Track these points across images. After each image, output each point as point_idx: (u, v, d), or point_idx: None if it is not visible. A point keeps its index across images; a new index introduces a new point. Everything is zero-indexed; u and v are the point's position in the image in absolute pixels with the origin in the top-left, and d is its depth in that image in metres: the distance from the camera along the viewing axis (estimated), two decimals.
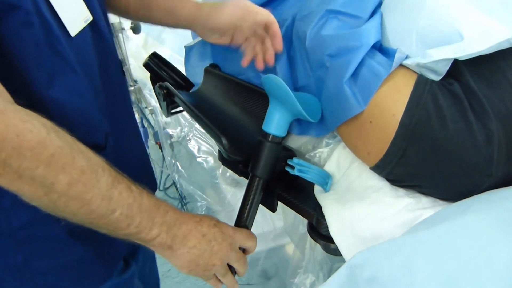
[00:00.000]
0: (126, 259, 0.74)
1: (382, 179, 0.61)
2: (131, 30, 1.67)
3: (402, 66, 0.56)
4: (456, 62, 0.52)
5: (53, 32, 0.51)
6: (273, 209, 0.74)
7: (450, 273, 0.42)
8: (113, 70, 0.66)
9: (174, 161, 1.69)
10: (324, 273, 0.91)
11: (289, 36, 0.69)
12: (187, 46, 0.86)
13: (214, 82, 0.80)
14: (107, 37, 0.63)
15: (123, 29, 1.64)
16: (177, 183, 1.72)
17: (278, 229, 1.44)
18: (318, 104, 0.65)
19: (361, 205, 0.59)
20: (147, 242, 0.55)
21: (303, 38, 0.64)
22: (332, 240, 0.60)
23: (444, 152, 0.53)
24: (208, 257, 0.58)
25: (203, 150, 1.61)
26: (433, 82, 0.54)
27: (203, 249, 0.58)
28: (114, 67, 0.67)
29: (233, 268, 0.65)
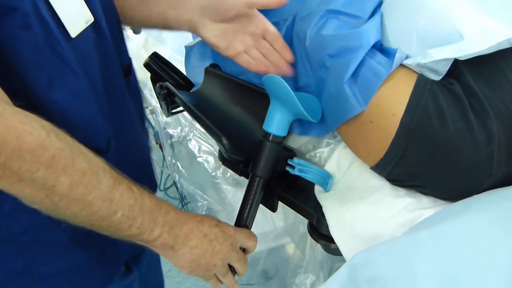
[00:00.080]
0: (127, 264, 0.73)
1: (383, 179, 0.61)
2: (132, 30, 1.67)
3: (402, 66, 0.56)
4: (456, 62, 0.53)
5: (52, 33, 0.50)
6: (273, 209, 0.74)
7: (451, 272, 0.42)
8: (115, 72, 0.65)
9: (174, 161, 1.69)
10: (324, 273, 0.91)
11: (289, 36, 0.69)
12: (188, 46, 0.86)
13: (214, 82, 0.80)
14: (109, 38, 0.61)
15: (124, 29, 1.64)
16: (177, 183, 1.71)
17: (278, 229, 1.44)
18: (318, 104, 0.65)
19: (361, 205, 0.59)
20: (149, 243, 0.54)
21: (303, 38, 0.64)
22: (332, 240, 0.61)
23: (444, 152, 0.53)
24: (209, 257, 0.58)
25: (204, 150, 1.61)
26: (433, 82, 0.54)
27: (205, 249, 0.58)
28: (117, 69, 0.66)
29: (233, 268, 0.65)
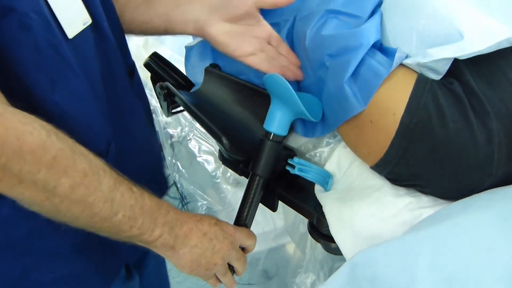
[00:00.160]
0: (128, 269, 0.73)
1: (383, 179, 0.61)
2: None
3: (402, 65, 0.56)
4: (456, 62, 0.52)
5: (54, 34, 0.49)
6: (273, 208, 0.74)
7: (451, 272, 0.42)
8: (118, 73, 0.64)
9: (174, 161, 1.69)
10: (324, 272, 0.91)
11: (290, 37, 0.69)
12: (188, 46, 0.86)
13: (214, 82, 0.80)
14: (111, 39, 0.61)
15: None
16: (177, 183, 1.72)
17: (278, 228, 1.44)
18: (319, 103, 0.65)
19: (361, 204, 0.59)
20: (149, 244, 0.54)
21: (303, 38, 0.64)
22: (332, 239, 0.61)
23: (444, 151, 0.53)
24: (209, 256, 0.58)
25: (204, 150, 1.61)
26: (433, 81, 0.54)
27: (205, 247, 0.58)
28: (120, 71, 0.65)
29: (231, 267, 0.65)
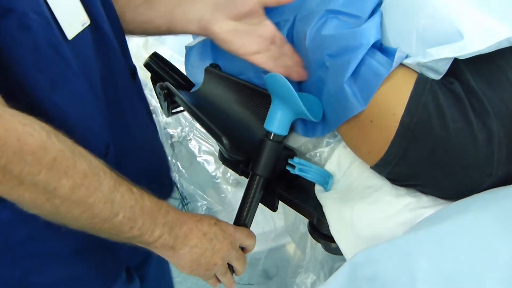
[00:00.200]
0: (129, 272, 0.72)
1: (383, 178, 0.61)
2: None
3: (402, 65, 0.56)
4: (456, 61, 0.52)
5: (54, 34, 0.49)
6: (274, 208, 0.74)
7: (451, 272, 0.42)
8: (120, 75, 0.63)
9: (174, 161, 1.69)
10: (325, 272, 0.91)
11: (290, 36, 0.69)
12: (188, 46, 0.86)
13: (214, 82, 0.80)
14: (112, 40, 0.60)
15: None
16: (177, 183, 1.72)
17: (279, 228, 1.44)
18: (319, 103, 0.65)
19: (362, 204, 0.59)
20: (150, 244, 0.54)
21: (303, 38, 0.64)
22: (333, 239, 0.61)
23: (444, 151, 0.53)
24: (209, 256, 0.58)
25: (204, 150, 1.61)
26: (433, 81, 0.54)
27: (205, 248, 0.58)
28: (122, 72, 0.64)
29: (231, 267, 0.65)
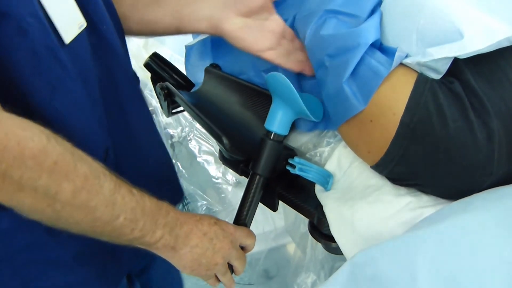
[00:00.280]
0: (130, 278, 0.72)
1: (383, 178, 0.61)
2: None
3: (402, 65, 0.56)
4: (456, 61, 0.52)
5: (51, 38, 0.48)
6: (274, 208, 0.74)
7: (451, 271, 0.42)
8: (120, 78, 0.63)
9: (175, 161, 1.69)
10: (325, 272, 0.91)
11: None
12: (188, 46, 0.86)
13: (214, 82, 0.81)
14: (112, 42, 0.59)
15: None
16: None
17: (279, 228, 1.44)
18: (320, 104, 0.65)
19: (362, 204, 0.59)
20: (151, 245, 0.54)
21: (303, 39, 0.64)
22: (333, 239, 0.61)
23: (444, 150, 0.53)
24: (210, 255, 0.58)
25: (204, 150, 1.61)
26: (433, 80, 0.54)
27: (205, 247, 0.58)
28: (123, 75, 0.63)
29: (230, 266, 0.65)
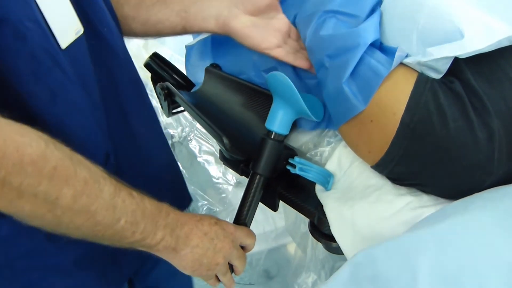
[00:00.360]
0: (132, 283, 0.72)
1: (383, 178, 0.61)
2: None
3: (402, 64, 0.56)
4: (456, 60, 0.52)
5: (50, 43, 0.48)
6: (274, 208, 0.74)
7: (452, 271, 0.42)
8: (123, 81, 0.62)
9: None
10: (326, 272, 0.91)
11: None
12: (188, 46, 0.86)
13: (215, 82, 0.80)
14: (113, 44, 0.59)
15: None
16: None
17: (279, 228, 1.44)
18: (320, 104, 0.65)
19: (362, 203, 0.59)
20: (152, 247, 0.54)
21: (303, 39, 0.64)
22: (333, 238, 0.61)
23: (445, 150, 0.53)
24: (211, 255, 0.58)
25: (204, 150, 1.61)
26: (433, 80, 0.54)
27: (206, 247, 0.58)
28: (125, 78, 0.63)
29: (230, 266, 0.65)
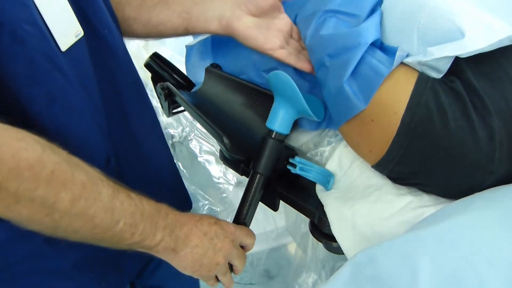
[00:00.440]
0: (133, 285, 0.72)
1: (384, 177, 0.61)
2: None
3: (403, 64, 0.56)
4: (457, 60, 0.52)
5: (50, 45, 0.48)
6: (275, 208, 0.74)
7: (453, 270, 0.42)
8: (124, 83, 0.62)
9: (175, 161, 1.69)
10: (326, 271, 0.91)
11: None
12: (188, 46, 0.86)
13: (215, 82, 0.80)
14: (114, 46, 0.59)
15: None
16: None
17: (280, 228, 1.44)
18: (321, 104, 0.65)
19: (363, 203, 0.59)
20: (151, 249, 0.54)
21: (304, 39, 0.64)
22: (334, 238, 0.61)
23: (445, 150, 0.53)
24: (211, 255, 0.58)
25: (205, 150, 1.61)
26: (434, 79, 0.54)
27: (206, 247, 0.58)
28: (126, 80, 0.63)
29: (230, 266, 0.65)
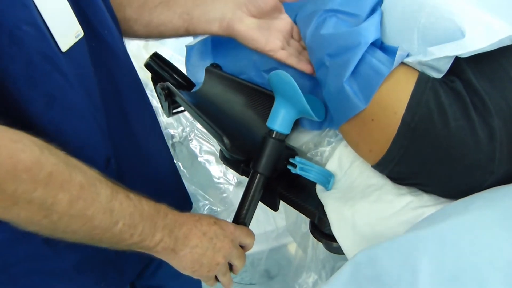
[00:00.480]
0: (134, 286, 0.72)
1: (384, 177, 0.61)
2: None
3: (403, 64, 0.56)
4: (457, 60, 0.52)
5: (50, 46, 0.48)
6: (275, 208, 0.74)
7: (453, 270, 0.42)
8: (124, 83, 0.62)
9: (176, 161, 1.69)
10: (326, 271, 0.91)
11: None
12: (188, 46, 0.86)
13: (215, 82, 0.80)
14: (114, 46, 0.59)
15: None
16: None
17: (280, 228, 1.44)
18: (321, 104, 0.65)
19: (363, 203, 0.59)
20: (151, 249, 0.54)
21: (303, 38, 0.64)
22: (334, 238, 0.61)
23: (445, 149, 0.53)
24: (211, 255, 0.58)
25: (205, 150, 1.61)
26: (434, 79, 0.54)
27: (205, 247, 0.57)
28: (126, 80, 0.63)
29: (229, 266, 0.65)
